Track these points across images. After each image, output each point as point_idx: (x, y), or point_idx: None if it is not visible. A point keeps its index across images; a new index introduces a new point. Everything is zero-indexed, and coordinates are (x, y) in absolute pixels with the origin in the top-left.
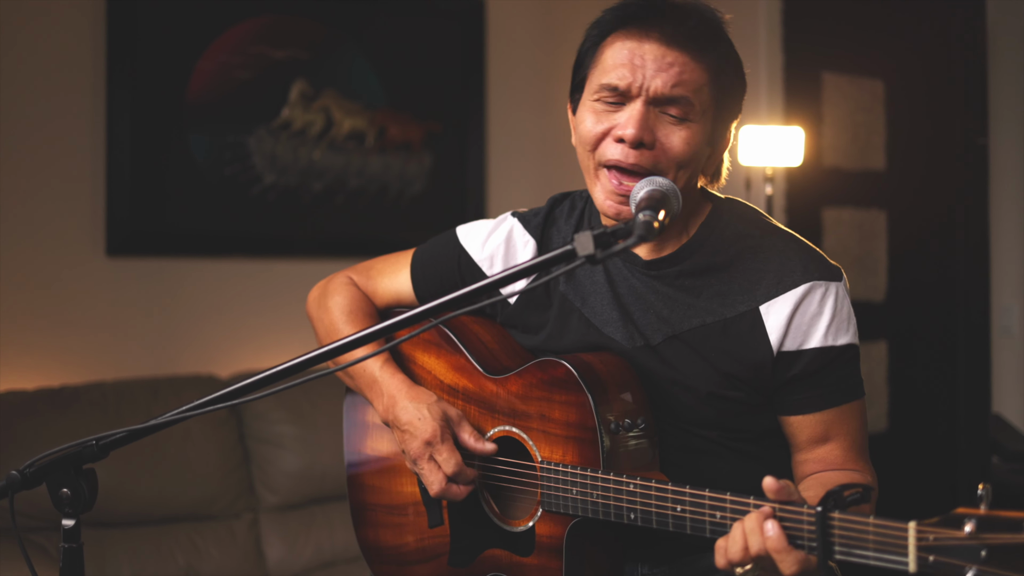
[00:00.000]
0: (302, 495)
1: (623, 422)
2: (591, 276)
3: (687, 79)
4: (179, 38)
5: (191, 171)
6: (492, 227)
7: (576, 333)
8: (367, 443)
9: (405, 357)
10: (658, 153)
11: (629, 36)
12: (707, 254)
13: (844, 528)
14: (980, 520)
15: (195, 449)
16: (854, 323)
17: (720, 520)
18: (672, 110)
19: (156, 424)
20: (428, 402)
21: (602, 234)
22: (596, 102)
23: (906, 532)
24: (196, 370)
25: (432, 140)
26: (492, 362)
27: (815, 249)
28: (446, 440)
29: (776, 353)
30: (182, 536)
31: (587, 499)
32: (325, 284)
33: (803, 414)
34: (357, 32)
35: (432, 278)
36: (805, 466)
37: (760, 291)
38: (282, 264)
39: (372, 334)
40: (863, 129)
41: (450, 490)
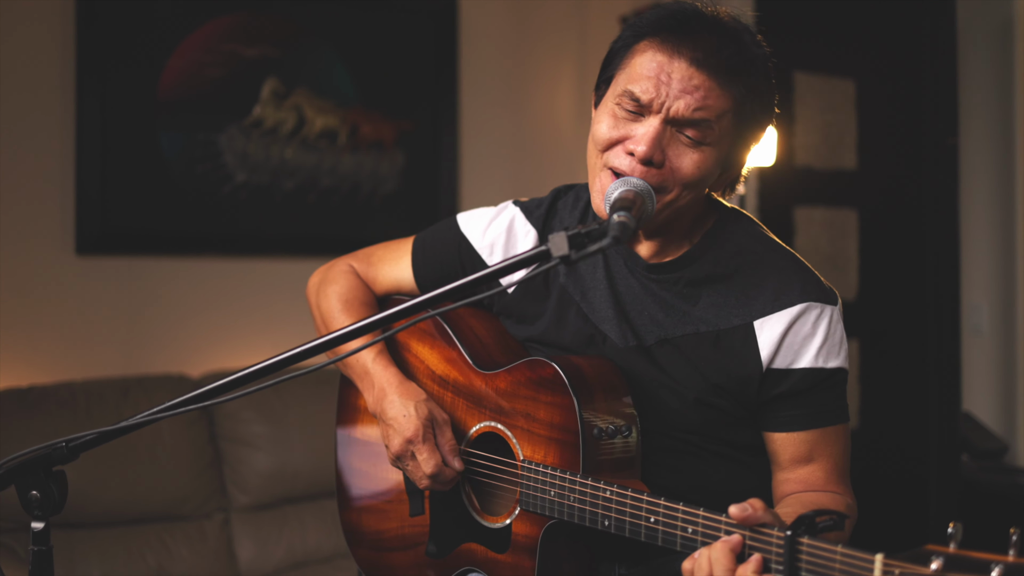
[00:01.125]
0: (274, 495)
1: (607, 428)
2: (592, 272)
3: (710, 104)
4: (150, 35)
5: (162, 169)
6: (493, 215)
7: (573, 326)
8: (358, 427)
9: (400, 344)
10: (666, 172)
11: (661, 48)
12: (708, 264)
13: (812, 554)
14: (948, 559)
15: (166, 449)
16: (846, 348)
17: (691, 535)
18: (689, 132)
19: (128, 425)
20: (416, 400)
21: (576, 235)
22: (617, 106)
23: (872, 564)
24: (167, 370)
25: (405, 139)
26: (484, 357)
27: (813, 271)
28: (427, 440)
29: (765, 369)
30: (152, 537)
31: (564, 502)
32: (325, 271)
33: (788, 431)
34: (329, 30)
35: (432, 265)
36: (786, 485)
37: (756, 306)
38: (253, 263)
39: (369, 324)
40: (834, 128)
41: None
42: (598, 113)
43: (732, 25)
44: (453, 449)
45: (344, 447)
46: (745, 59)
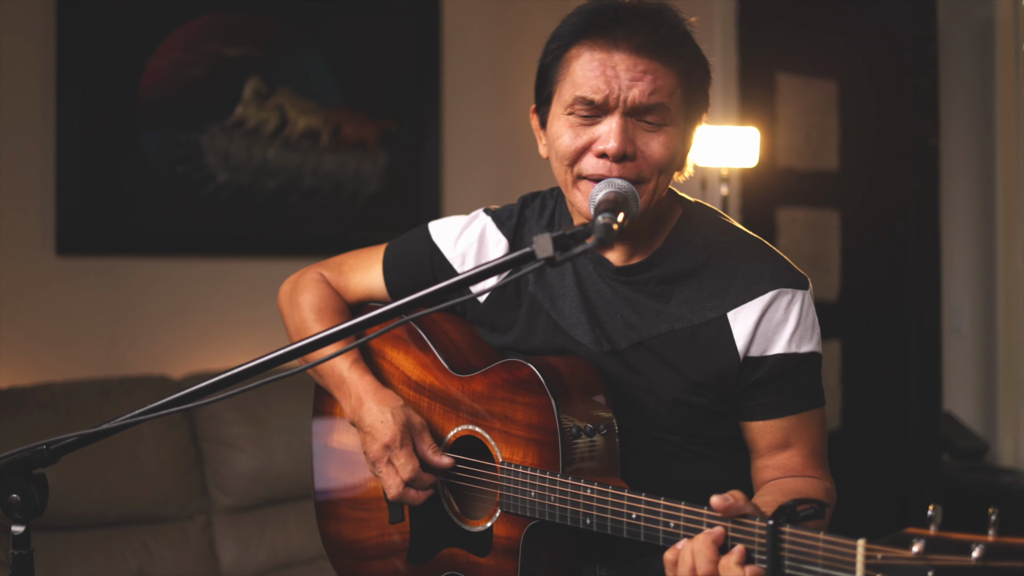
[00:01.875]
0: (256, 496)
1: (585, 427)
2: (561, 279)
3: (661, 85)
4: (131, 35)
5: (143, 169)
6: (464, 224)
7: (543, 334)
8: (334, 437)
9: (374, 352)
10: (640, 163)
11: (596, 46)
12: (677, 260)
13: (794, 543)
14: (929, 541)
15: (147, 450)
16: (818, 332)
17: (673, 529)
18: (649, 117)
19: (109, 428)
20: (393, 406)
21: (561, 236)
22: (570, 116)
23: (855, 549)
24: (148, 371)
25: (387, 139)
26: (460, 361)
27: (783, 256)
28: (405, 445)
29: (742, 359)
30: (134, 539)
31: (545, 502)
32: (296, 279)
33: (764, 420)
34: (312, 30)
35: (404, 274)
36: (764, 472)
37: (728, 297)
38: (235, 263)
39: (340, 332)
40: (816, 130)
41: (407, 495)
42: (552, 129)
43: (652, 4)
44: (436, 450)
45: (321, 457)
46: (677, 32)
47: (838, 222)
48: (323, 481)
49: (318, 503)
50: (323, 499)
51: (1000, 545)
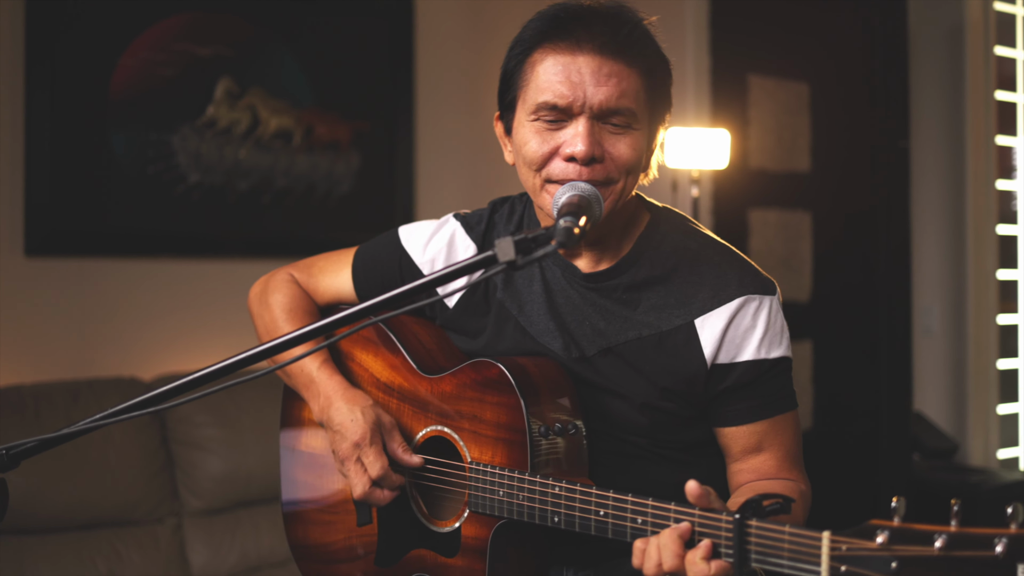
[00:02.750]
0: (227, 499)
1: (554, 426)
2: (529, 285)
3: (626, 87)
4: (101, 34)
5: (113, 169)
6: (434, 229)
7: (511, 341)
8: (302, 440)
9: (343, 354)
10: (608, 164)
11: (559, 50)
12: (645, 267)
13: (760, 536)
14: (892, 532)
15: (117, 453)
16: (787, 336)
17: (641, 525)
18: (615, 119)
19: (70, 432)
20: (363, 405)
21: (523, 240)
22: (536, 121)
23: (820, 542)
24: (118, 373)
25: (360, 140)
26: (429, 362)
27: (750, 262)
28: (374, 443)
29: (710, 366)
30: (103, 542)
31: (513, 501)
32: (267, 280)
33: (736, 425)
34: (284, 30)
35: (373, 278)
36: (739, 476)
37: (696, 305)
38: (207, 264)
39: (310, 332)
40: (788, 131)
41: (373, 494)
42: (518, 136)
43: (612, 5)
44: (406, 449)
45: (288, 460)
46: (638, 32)
47: (810, 223)
48: (290, 485)
49: (285, 507)
50: (290, 503)
51: (962, 535)
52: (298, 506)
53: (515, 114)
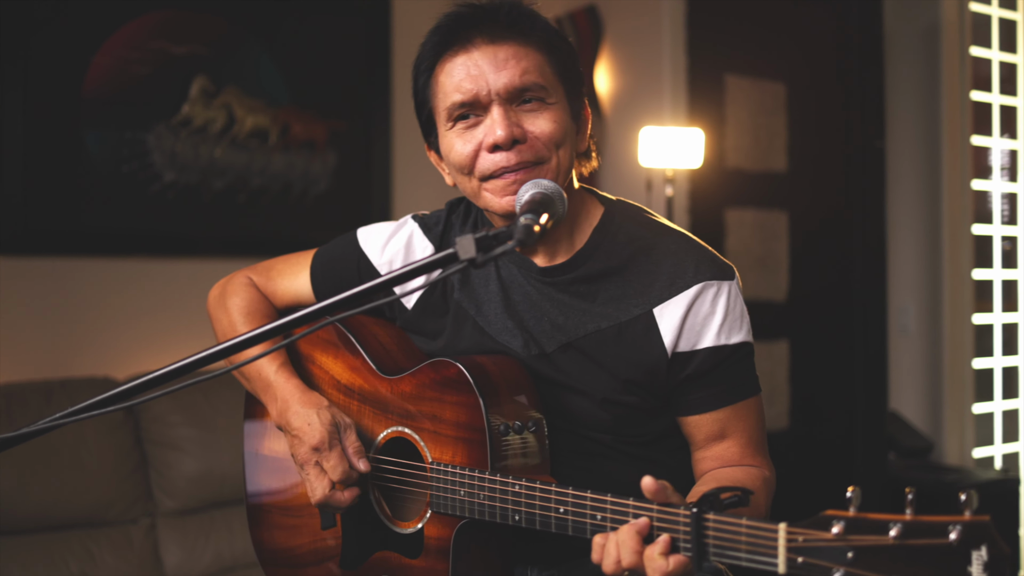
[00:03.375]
0: (201, 499)
1: (513, 424)
2: (485, 284)
3: (527, 65)
4: (75, 32)
5: (87, 168)
6: (392, 231)
7: (470, 341)
8: (265, 443)
9: (303, 356)
10: (533, 143)
11: (455, 54)
12: (601, 259)
13: (718, 529)
14: (848, 522)
15: (90, 453)
16: (747, 321)
17: (600, 521)
18: (527, 97)
19: (26, 433)
20: (319, 407)
21: (484, 237)
22: (453, 128)
23: (776, 533)
24: (92, 372)
25: (337, 139)
26: (389, 363)
27: (707, 248)
28: (334, 447)
29: (671, 354)
30: (76, 543)
31: (474, 500)
32: (225, 283)
33: (699, 413)
34: (260, 29)
35: (332, 281)
36: (703, 463)
37: (654, 293)
38: (182, 263)
39: (266, 332)
40: (765, 131)
41: (333, 497)
42: (444, 148)
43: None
44: (358, 451)
45: (252, 464)
46: (521, 10)
47: (786, 223)
48: (255, 488)
49: (250, 511)
50: (255, 507)
51: (917, 524)
52: (263, 510)
53: (437, 132)
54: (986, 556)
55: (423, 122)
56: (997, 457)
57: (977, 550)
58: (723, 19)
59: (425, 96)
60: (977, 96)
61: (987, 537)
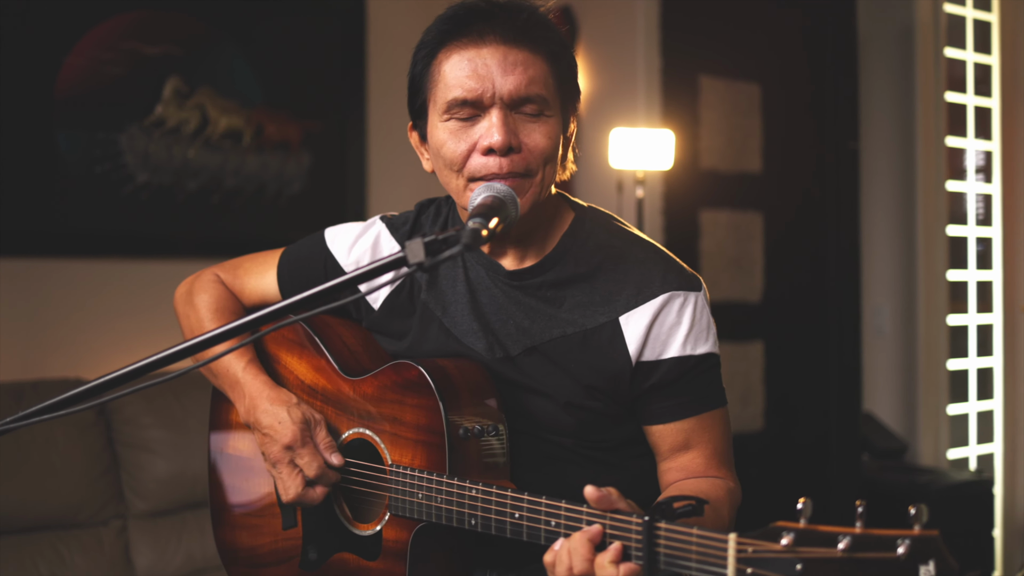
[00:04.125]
0: (173, 501)
1: (473, 428)
2: (452, 285)
3: (534, 74)
4: (46, 32)
5: (59, 169)
6: (360, 231)
7: (435, 342)
8: (229, 443)
9: (269, 357)
10: (526, 154)
11: (463, 46)
12: (570, 264)
13: (669, 538)
14: (798, 534)
15: (60, 455)
16: (714, 332)
17: (555, 528)
18: (527, 108)
19: None
20: (288, 404)
21: (433, 241)
22: (449, 121)
23: (726, 544)
24: (64, 374)
25: (311, 139)
26: (352, 364)
27: (674, 259)
28: (307, 444)
29: (635, 363)
30: (45, 545)
31: (432, 504)
32: (192, 280)
33: (664, 423)
34: (234, 29)
35: (298, 280)
36: (668, 474)
37: (620, 302)
38: (156, 264)
39: (233, 330)
40: (739, 132)
41: (307, 495)
42: (434, 139)
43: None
44: (330, 445)
45: (216, 463)
46: (538, 18)
47: (761, 224)
48: (217, 488)
49: (214, 511)
50: (218, 507)
51: (866, 537)
52: (225, 510)
53: (427, 119)
54: (934, 571)
55: (414, 105)
56: (972, 458)
57: (925, 565)
58: (697, 20)
59: (422, 81)
60: (952, 97)
61: (935, 552)
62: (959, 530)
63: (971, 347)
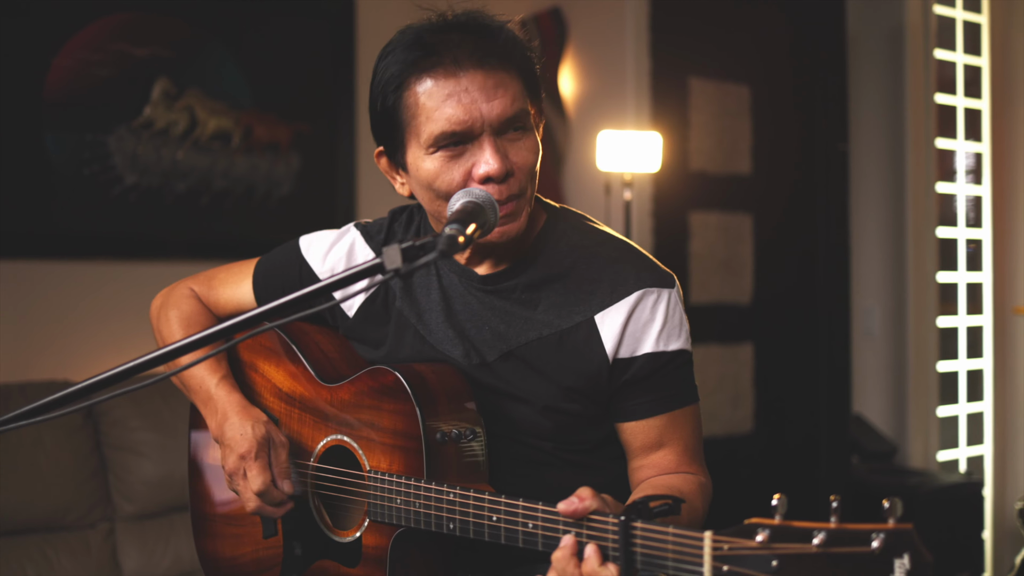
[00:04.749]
0: (161, 503)
1: (450, 432)
2: (427, 293)
3: (513, 93)
4: (35, 34)
5: (48, 171)
6: (334, 239)
7: (411, 350)
8: (209, 452)
9: (245, 364)
10: (518, 175)
11: (438, 76)
12: (543, 266)
13: (646, 537)
14: (773, 530)
15: (47, 457)
16: (687, 329)
17: (532, 530)
18: (514, 127)
19: None
20: (255, 420)
21: (410, 248)
22: (436, 153)
23: (702, 542)
24: (51, 376)
25: (301, 141)
26: (330, 370)
27: (648, 256)
28: (260, 458)
29: (612, 361)
30: (32, 548)
31: (410, 509)
32: (166, 295)
33: (636, 420)
34: (223, 31)
35: (274, 289)
36: (640, 472)
37: (595, 301)
38: (144, 266)
39: (205, 338)
40: (729, 134)
41: (264, 508)
42: (420, 171)
43: (471, 14)
44: (285, 471)
45: (196, 473)
46: (506, 36)
47: (751, 226)
48: (198, 498)
49: (194, 520)
50: (199, 516)
51: (840, 532)
52: (206, 519)
53: (408, 151)
54: (908, 564)
55: (390, 138)
56: (961, 460)
57: (900, 558)
58: (687, 22)
59: (396, 115)
60: (941, 99)
61: (910, 545)
62: (949, 532)
63: (961, 349)
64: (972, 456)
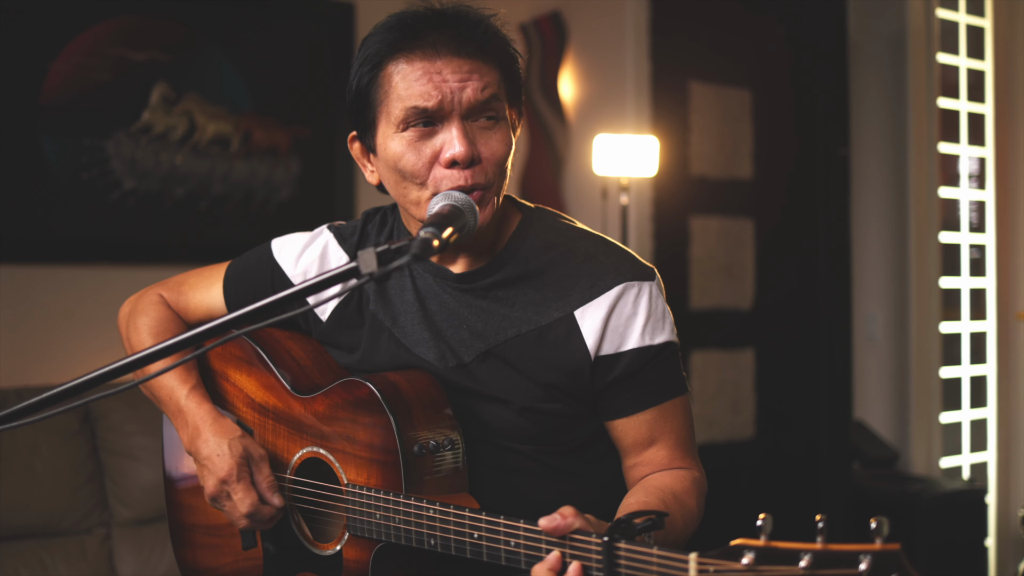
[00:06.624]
0: (158, 509)
1: (428, 444)
2: (401, 294)
3: (489, 80)
4: (32, 39)
5: (46, 175)
6: (307, 241)
7: (386, 354)
8: (185, 461)
9: (216, 373)
10: (485, 165)
11: (415, 57)
12: (520, 264)
13: (630, 558)
14: (758, 552)
15: (43, 462)
16: (670, 320)
17: (514, 548)
18: (484, 115)
19: None
20: (231, 437)
21: (386, 251)
22: (405, 132)
23: (687, 564)
24: (49, 381)
25: (300, 146)
26: (303, 380)
27: (626, 250)
28: (243, 479)
29: (594, 358)
30: (28, 553)
31: (390, 524)
32: (135, 301)
33: (626, 416)
34: (221, 35)
35: (245, 293)
36: (634, 471)
37: (574, 296)
38: (143, 271)
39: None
40: (730, 138)
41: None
42: (389, 152)
43: (455, 6)
44: (272, 485)
45: (173, 485)
46: (488, 28)
47: (752, 231)
48: (176, 508)
49: (173, 530)
50: (177, 526)
51: (827, 553)
52: (185, 529)
53: (377, 131)
54: None
55: (362, 118)
56: (965, 467)
57: None
58: (687, 25)
59: (370, 93)
60: (944, 103)
61: (897, 566)
62: (952, 540)
63: (964, 355)
64: (975, 463)
